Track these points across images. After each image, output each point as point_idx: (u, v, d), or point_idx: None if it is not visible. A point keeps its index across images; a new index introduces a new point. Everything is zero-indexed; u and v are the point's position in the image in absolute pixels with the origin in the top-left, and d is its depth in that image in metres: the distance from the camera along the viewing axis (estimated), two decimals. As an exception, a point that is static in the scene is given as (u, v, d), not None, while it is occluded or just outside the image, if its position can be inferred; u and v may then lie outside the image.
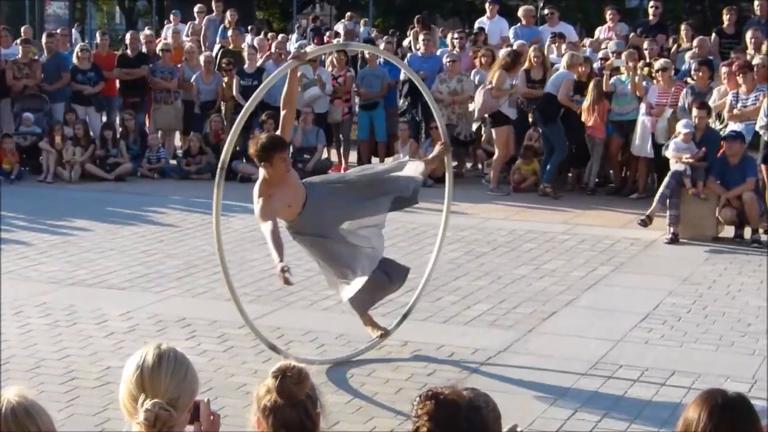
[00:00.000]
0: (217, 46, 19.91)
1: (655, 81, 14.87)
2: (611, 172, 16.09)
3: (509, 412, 6.80)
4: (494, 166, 15.68)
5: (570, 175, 16.12)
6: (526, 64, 16.00)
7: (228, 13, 20.77)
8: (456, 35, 18.20)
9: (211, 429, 3.37)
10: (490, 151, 16.38)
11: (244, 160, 16.65)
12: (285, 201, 7.67)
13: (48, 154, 16.41)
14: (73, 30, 26.16)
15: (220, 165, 7.94)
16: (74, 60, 17.65)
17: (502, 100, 15.45)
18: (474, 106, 16.18)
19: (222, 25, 20.82)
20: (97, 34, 22.36)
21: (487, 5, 19.17)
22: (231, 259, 11.22)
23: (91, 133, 17.04)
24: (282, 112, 7.94)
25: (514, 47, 16.74)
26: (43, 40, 18.34)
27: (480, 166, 17.33)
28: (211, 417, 3.37)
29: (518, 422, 6.66)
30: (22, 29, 21.12)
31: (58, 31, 20.00)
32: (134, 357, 3.29)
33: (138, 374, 3.23)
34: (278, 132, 7.92)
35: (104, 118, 18.03)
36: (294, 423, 3.35)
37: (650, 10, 18.02)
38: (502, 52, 15.83)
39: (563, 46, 16.73)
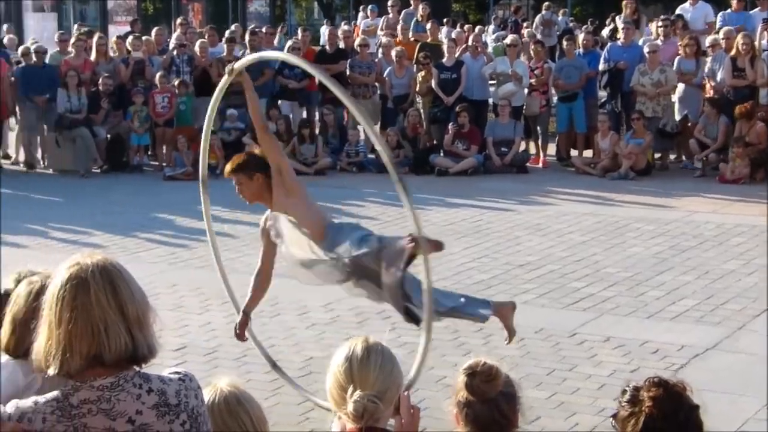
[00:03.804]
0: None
1: None
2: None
3: (719, 413, 6.59)
4: None
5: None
6: (733, 51, 15.47)
7: (420, 7, 20.89)
8: (660, 23, 17.72)
9: (412, 422, 3.38)
10: (703, 142, 15.85)
11: (442, 153, 16.73)
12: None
13: (251, 149, 16.81)
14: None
15: (201, 179, 7.54)
16: (286, 55, 18.01)
17: None
18: (675, 97, 15.74)
19: (414, 18, 20.95)
20: (299, 30, 22.85)
21: (687, -9, 18.63)
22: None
23: (293, 129, 17.40)
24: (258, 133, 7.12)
25: (720, 34, 16.23)
26: (246, 37, 18.82)
27: (683, 158, 16.87)
28: (411, 410, 3.38)
29: (728, 423, 6.47)
30: (233, 27, 21.73)
31: (264, 29, 20.47)
32: (342, 349, 3.34)
33: (347, 366, 3.28)
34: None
35: (305, 114, 18.37)
36: (486, 419, 3.33)
37: None
38: None
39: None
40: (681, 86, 16.24)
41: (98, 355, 2.82)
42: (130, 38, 19.15)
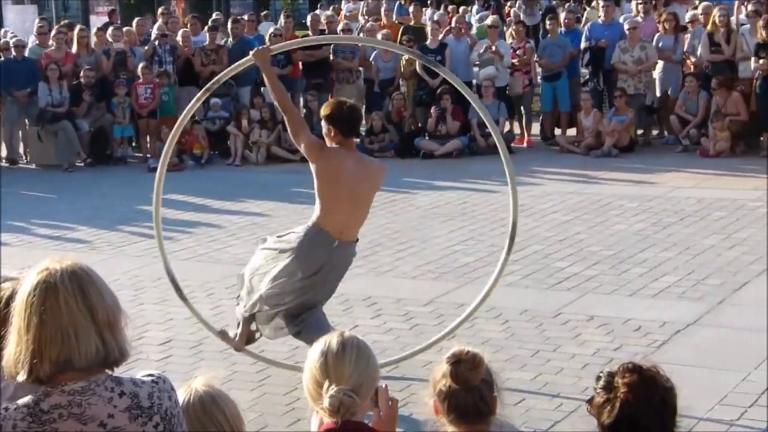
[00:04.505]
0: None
1: None
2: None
3: (700, 387, 6.67)
4: None
5: (762, 139, 15.58)
6: (709, 27, 15.51)
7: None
8: (640, 0, 17.74)
9: (390, 414, 3.41)
10: (684, 118, 15.90)
11: (426, 137, 16.75)
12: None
13: (235, 137, 16.83)
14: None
15: (162, 157, 7.71)
16: (267, 42, 17.95)
17: None
18: (656, 74, 15.75)
19: (398, 2, 20.91)
20: (282, 16, 22.76)
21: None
22: (414, 236, 11.32)
23: (277, 116, 17.37)
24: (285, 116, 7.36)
25: (699, 9, 16.27)
26: (229, 25, 18.76)
27: (665, 133, 16.93)
28: (389, 402, 3.41)
29: (709, 397, 6.54)
30: (215, 15, 21.61)
31: (245, 17, 20.41)
32: (318, 344, 3.37)
33: (322, 361, 3.30)
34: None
35: (289, 101, 18.30)
36: (469, 408, 3.36)
37: None
38: None
39: (749, 6, 16.09)
40: (661, 62, 16.28)
41: (68, 360, 2.82)
42: (110, 29, 19.02)
